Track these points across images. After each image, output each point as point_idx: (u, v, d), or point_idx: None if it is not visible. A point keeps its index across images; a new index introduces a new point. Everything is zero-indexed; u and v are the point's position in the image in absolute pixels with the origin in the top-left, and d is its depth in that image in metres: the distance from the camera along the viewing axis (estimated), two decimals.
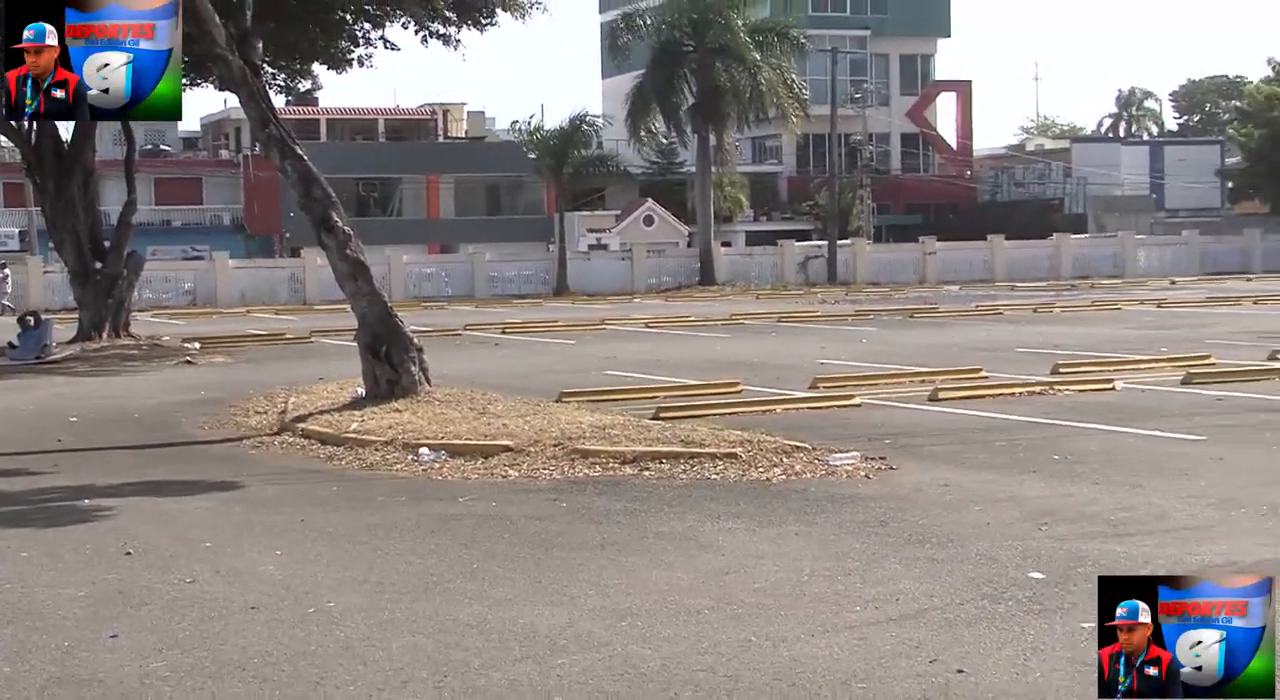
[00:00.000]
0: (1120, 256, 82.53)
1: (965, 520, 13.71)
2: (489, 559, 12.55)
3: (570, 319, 48.94)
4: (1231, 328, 38.54)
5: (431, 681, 9.01)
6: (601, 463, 17.10)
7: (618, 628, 10.13)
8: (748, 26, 71.96)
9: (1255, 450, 17.64)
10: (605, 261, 75.74)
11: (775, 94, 72.22)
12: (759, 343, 37.25)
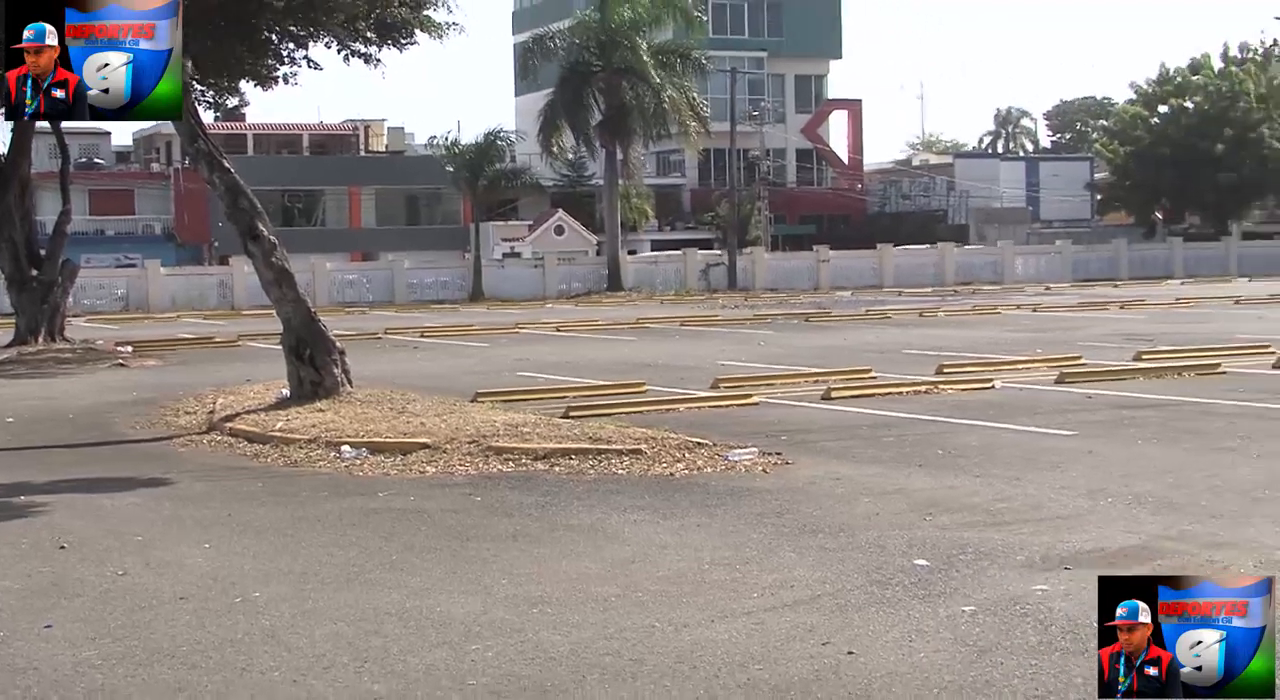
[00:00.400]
0: (999, 264, 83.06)
1: (856, 511, 13.75)
2: (407, 550, 12.53)
3: (485, 323, 48.84)
4: (1101, 330, 38.80)
5: (352, 666, 9.00)
6: (514, 459, 17.08)
7: (529, 615, 10.12)
8: (652, 48, 72.20)
9: (1121, 444, 17.76)
10: (518, 269, 75.64)
11: (678, 111, 72.52)
12: (663, 345, 37.26)
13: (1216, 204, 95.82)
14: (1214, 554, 11.47)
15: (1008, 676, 8.45)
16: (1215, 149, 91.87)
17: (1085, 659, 8.72)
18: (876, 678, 8.49)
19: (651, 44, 72.44)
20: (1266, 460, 16.22)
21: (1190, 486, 14.66)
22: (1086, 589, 10.36)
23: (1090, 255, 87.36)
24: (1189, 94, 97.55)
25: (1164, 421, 19.73)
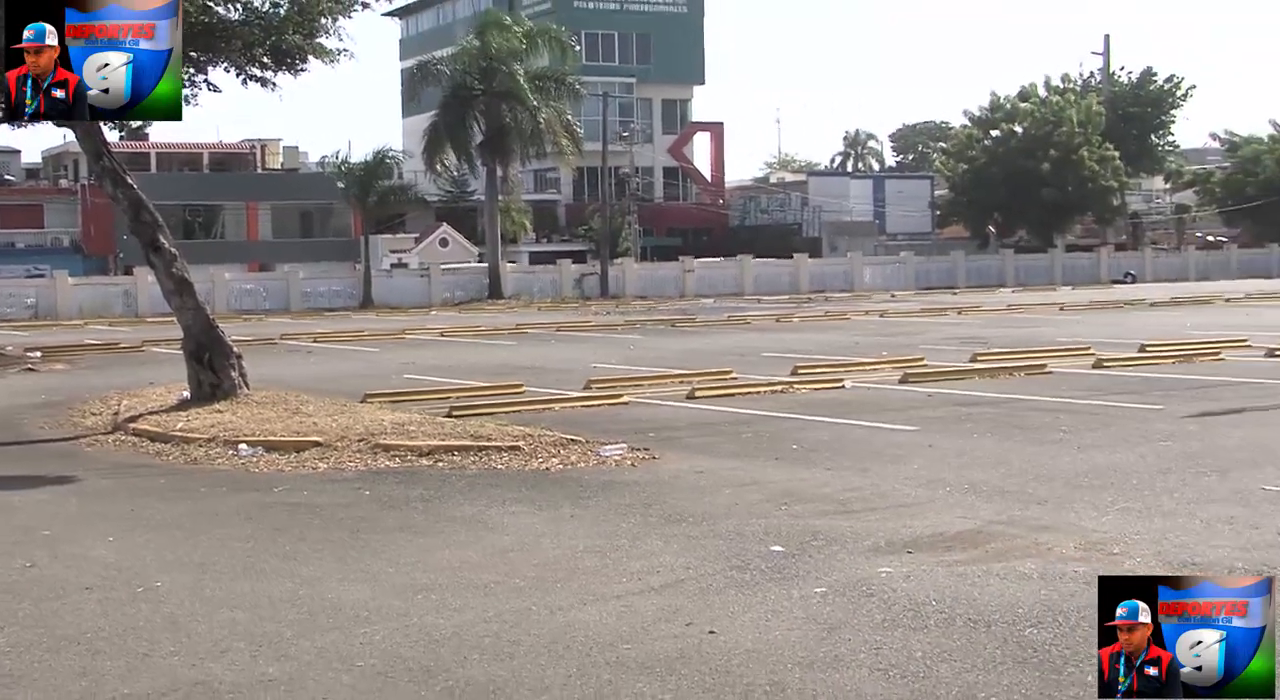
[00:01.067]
0: (849, 274, 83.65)
1: (717, 501, 13.78)
2: (300, 542, 12.44)
3: (374, 329, 48.53)
4: (941, 334, 39.09)
5: (248, 651, 8.92)
6: (401, 455, 17.00)
7: (414, 601, 10.07)
8: (529, 74, 72.32)
9: (958, 438, 17.89)
10: (406, 278, 75.37)
11: (554, 132, 72.63)
12: (540, 349, 37.19)
13: (1043, 219, 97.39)
14: (1039, 536, 11.59)
15: (855, 651, 8.50)
16: (1041, 169, 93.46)
17: (925, 634, 8.81)
18: (736, 655, 8.51)
19: (529, 70, 72.57)
20: (1086, 452, 16.39)
21: (1019, 476, 14.81)
22: (927, 570, 10.50)
23: (931, 265, 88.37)
24: (1017, 119, 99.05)
25: (997, 417, 19.91)
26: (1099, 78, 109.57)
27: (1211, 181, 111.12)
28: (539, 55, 74.82)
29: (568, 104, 75.52)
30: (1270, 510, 12.59)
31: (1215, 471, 14.74)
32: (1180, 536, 11.48)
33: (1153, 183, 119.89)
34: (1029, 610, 9.28)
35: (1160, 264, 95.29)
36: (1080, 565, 10.53)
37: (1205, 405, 20.51)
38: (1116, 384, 23.89)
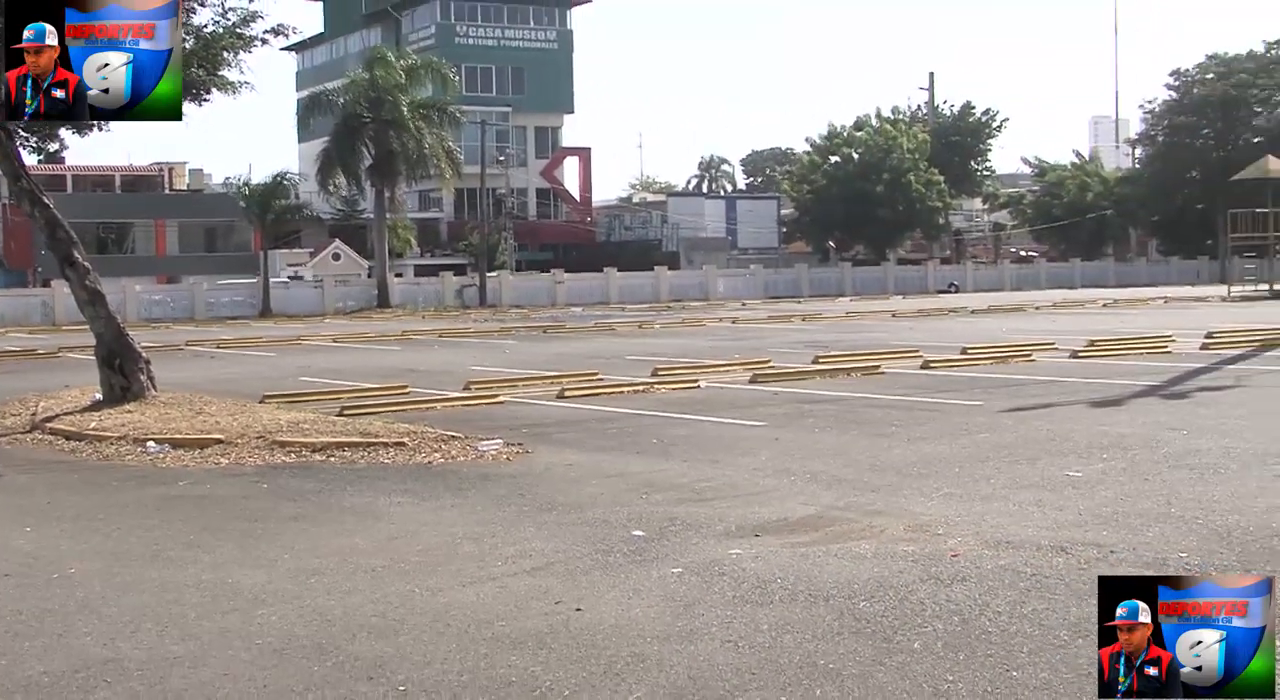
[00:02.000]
0: (705, 285, 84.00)
1: (585, 491, 13.75)
2: (204, 531, 12.27)
3: (272, 336, 48.16)
4: (786, 339, 39.26)
5: (156, 631, 8.79)
6: (296, 451, 16.82)
7: (308, 584, 9.98)
8: (414, 104, 72.54)
9: (802, 432, 17.96)
10: (301, 289, 74.94)
11: (436, 157, 72.96)
12: (424, 354, 37.02)
13: (877, 236, 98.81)
14: (873, 519, 11.65)
15: (708, 625, 8.51)
16: (875, 191, 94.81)
17: (770, 608, 8.84)
18: (601, 629, 8.50)
19: (413, 100, 72.78)
20: (915, 443, 16.51)
21: (855, 466, 14.88)
22: (773, 551, 10.53)
23: (778, 277, 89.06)
24: (854, 147, 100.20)
25: (836, 413, 20.01)
26: (925, 110, 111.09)
27: (1023, 203, 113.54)
28: (423, 86, 75.03)
29: (449, 130, 75.87)
30: (1073, 494, 12.74)
31: (1026, 460, 14.91)
32: (996, 518, 11.59)
33: (972, 203, 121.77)
34: (863, 586, 9.34)
35: (980, 276, 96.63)
36: (909, 545, 10.61)
37: (1018, 401, 20.74)
38: (941, 383, 24.11)
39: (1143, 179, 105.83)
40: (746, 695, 7.16)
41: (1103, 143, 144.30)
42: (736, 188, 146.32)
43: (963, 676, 7.35)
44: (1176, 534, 10.77)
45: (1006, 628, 8.26)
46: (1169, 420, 18.19)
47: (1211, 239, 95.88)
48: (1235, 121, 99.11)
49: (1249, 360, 27.74)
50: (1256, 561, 9.76)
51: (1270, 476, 13.43)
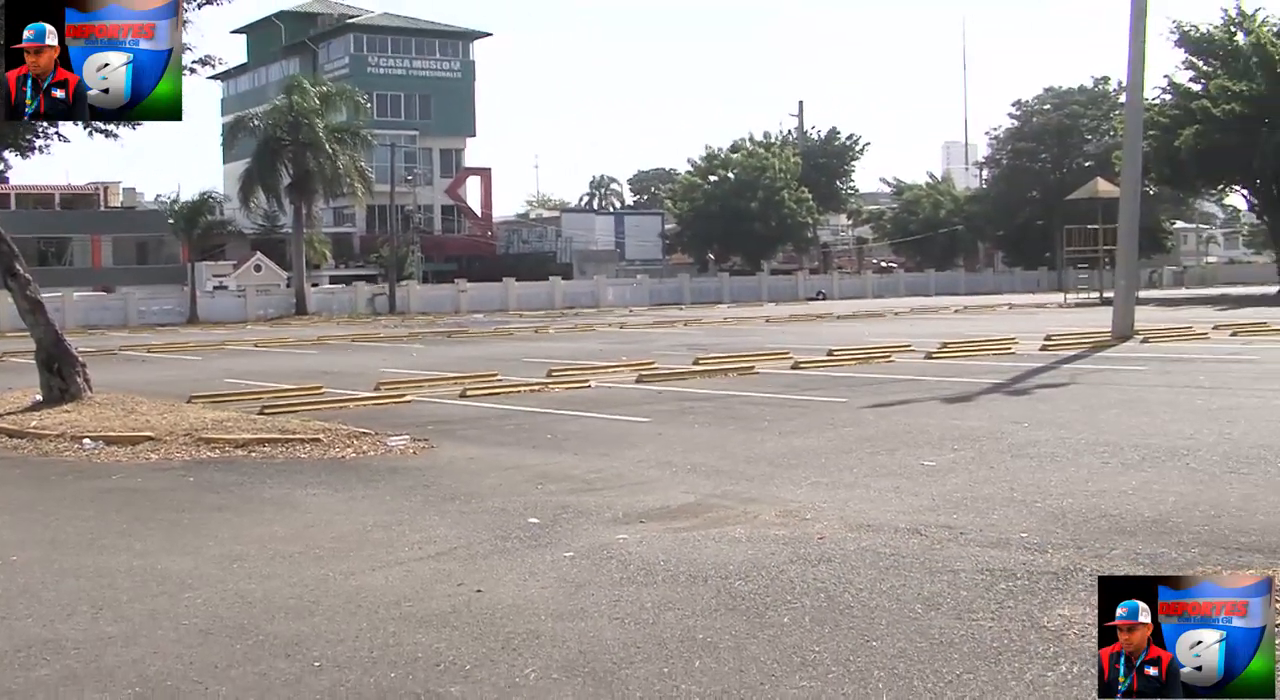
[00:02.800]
0: (596, 293, 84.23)
1: (485, 482, 13.71)
2: (135, 521, 12.12)
3: (199, 341, 47.64)
4: (670, 342, 39.36)
5: (90, 614, 8.68)
6: (220, 447, 16.64)
7: (231, 569, 9.88)
8: (329, 128, 72.48)
9: (683, 427, 17.99)
10: (226, 298, 74.45)
11: (350, 176, 73.02)
12: (338, 357, 36.77)
13: (752, 248, 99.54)
14: (747, 506, 11.69)
15: (597, 604, 8.52)
16: (750, 207, 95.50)
17: (654, 588, 8.86)
18: (499, 609, 8.48)
19: (329, 125, 72.68)
20: (786, 437, 16.59)
21: (732, 457, 14.93)
22: (656, 536, 10.56)
23: (662, 286, 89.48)
24: (730, 167, 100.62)
25: (715, 410, 20.07)
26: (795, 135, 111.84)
27: (883, 219, 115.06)
28: (338, 112, 74.95)
29: (361, 152, 76.08)
30: (927, 481, 12.87)
31: (886, 451, 15.02)
32: (859, 504, 11.68)
33: (838, 219, 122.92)
34: (738, 567, 9.38)
35: (845, 284, 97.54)
36: (779, 529, 10.66)
37: (879, 398, 20.90)
38: (810, 382, 24.25)
39: (989, 198, 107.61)
40: (632, 667, 7.17)
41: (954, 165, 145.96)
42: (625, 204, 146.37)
43: (827, 647, 7.40)
44: (1018, 516, 10.91)
45: (867, 603, 8.33)
46: (1012, 414, 18.41)
47: (1050, 251, 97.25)
48: (1069, 147, 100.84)
49: (1082, 360, 28.12)
50: (1086, 539, 9.90)
51: (1099, 464, 13.63)
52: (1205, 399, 19.51)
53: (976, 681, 6.76)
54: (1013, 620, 7.83)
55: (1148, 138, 62.10)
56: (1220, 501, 11.31)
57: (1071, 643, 7.33)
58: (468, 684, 7.01)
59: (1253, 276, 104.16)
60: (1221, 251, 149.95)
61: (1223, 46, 73.25)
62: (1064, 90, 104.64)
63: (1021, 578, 8.81)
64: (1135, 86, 37.08)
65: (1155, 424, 16.79)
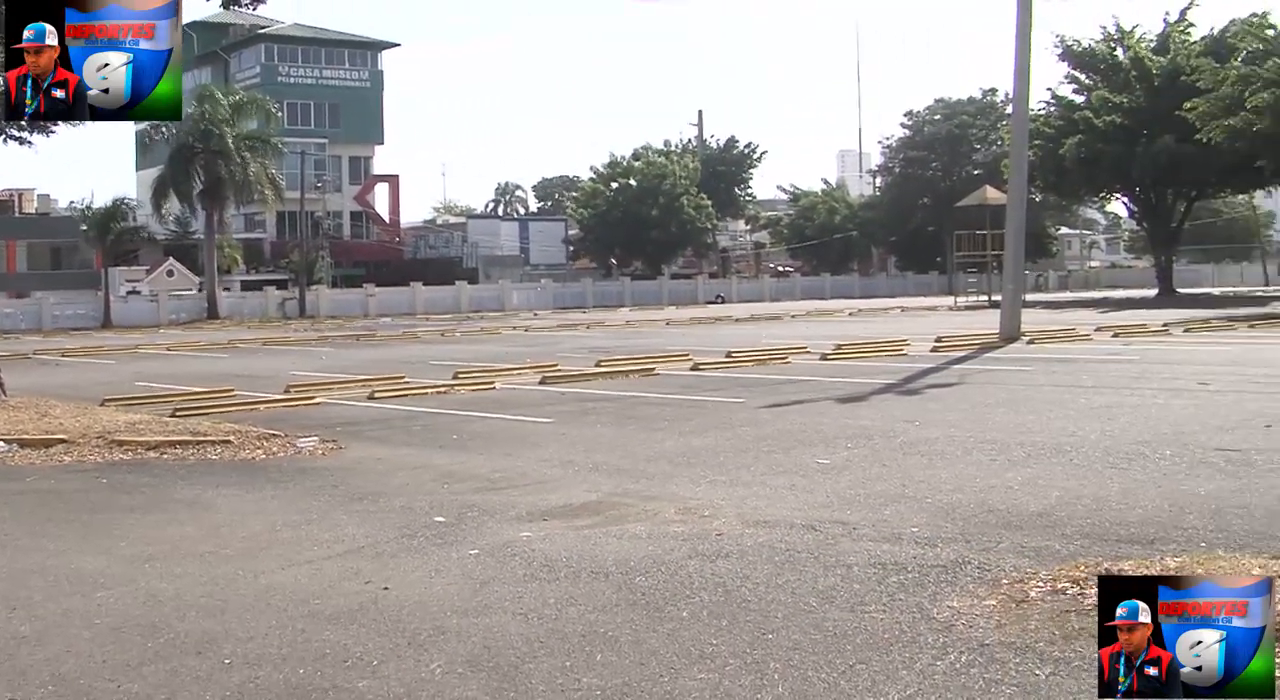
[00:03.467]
0: (501, 297, 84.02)
1: (392, 482, 13.64)
2: (48, 522, 11.92)
3: (113, 345, 46.98)
4: (573, 345, 39.33)
5: (4, 613, 8.53)
6: (133, 449, 16.41)
7: (143, 569, 9.75)
8: (240, 136, 71.98)
9: (585, 427, 18.00)
10: (139, 303, 73.48)
11: (260, 183, 72.61)
12: (249, 360, 36.42)
13: (653, 253, 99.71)
14: (648, 504, 11.70)
15: (501, 600, 8.49)
16: (651, 214, 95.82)
17: (557, 584, 8.85)
18: (406, 606, 8.44)
19: (240, 133, 72.17)
20: (685, 437, 16.62)
21: (633, 457, 14.95)
22: (559, 534, 10.55)
23: (566, 290, 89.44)
24: (632, 174, 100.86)
25: (616, 410, 20.09)
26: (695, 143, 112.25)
27: (780, 225, 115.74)
28: (249, 120, 74.45)
29: (272, 160, 75.57)
30: (821, 479, 12.95)
31: (781, 450, 15.10)
32: (755, 502, 11.73)
33: (737, 225, 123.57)
34: (639, 563, 9.39)
35: (743, 288, 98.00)
36: (679, 526, 10.69)
37: (775, 398, 21.01)
38: (708, 383, 24.32)
39: (882, 204, 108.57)
40: (535, 661, 7.16)
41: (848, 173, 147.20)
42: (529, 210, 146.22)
43: (725, 640, 7.43)
44: (910, 512, 11.00)
45: (764, 597, 8.36)
46: (903, 413, 18.57)
47: (941, 256, 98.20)
48: (959, 156, 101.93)
49: (971, 361, 28.43)
50: (974, 533, 10.01)
51: (987, 460, 13.78)
52: (1088, 397, 19.79)
53: (869, 671, 6.81)
54: (904, 612, 7.89)
55: (1033, 147, 63.07)
56: (1102, 495, 11.48)
57: (960, 633, 7.40)
58: (375, 679, 6.96)
59: (1133, 280, 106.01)
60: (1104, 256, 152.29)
61: (1104, 60, 74.49)
62: (954, 101, 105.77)
63: (912, 571, 8.89)
64: (1021, 98, 37.60)
65: (1040, 422, 17.01)
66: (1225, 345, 31.26)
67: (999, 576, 8.62)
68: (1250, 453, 13.69)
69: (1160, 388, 20.96)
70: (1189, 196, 77.50)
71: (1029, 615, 7.70)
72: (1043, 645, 7.11)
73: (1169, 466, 13.01)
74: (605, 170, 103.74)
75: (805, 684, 6.66)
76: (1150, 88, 70.66)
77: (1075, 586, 8.15)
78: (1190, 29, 74.87)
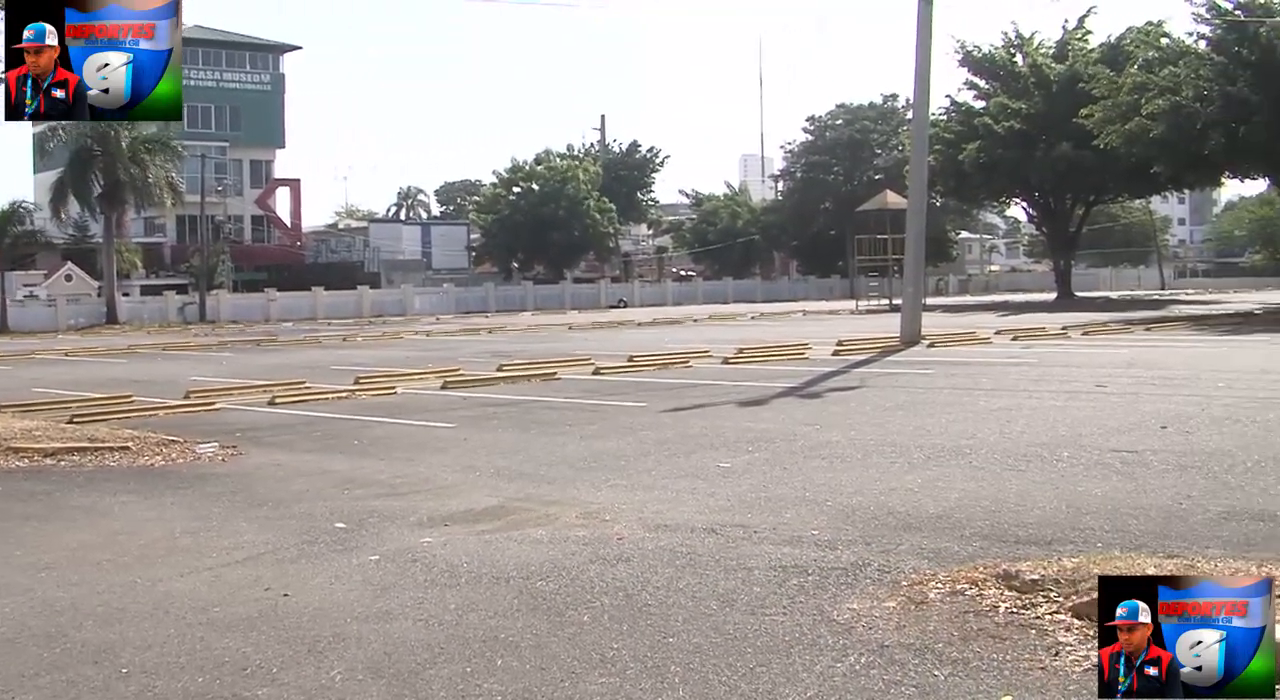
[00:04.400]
0: (403, 301, 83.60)
1: (292, 488, 13.53)
2: None
3: (8, 351, 46.09)
4: (475, 349, 39.21)
5: None
6: (29, 457, 16.13)
7: (39, 577, 9.60)
8: (140, 139, 71.18)
9: (487, 432, 17.95)
10: (37, 308, 72.36)
11: (160, 187, 71.81)
12: (148, 366, 35.95)
13: (556, 258, 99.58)
14: (549, 509, 11.70)
15: (402, 606, 8.46)
16: (553, 218, 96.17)
17: (458, 590, 8.82)
18: (306, 613, 8.38)
19: (139, 136, 71.15)
20: (587, 441, 16.63)
21: (534, 461, 14.93)
22: (460, 539, 10.52)
23: (468, 294, 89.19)
24: (535, 179, 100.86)
25: (518, 415, 20.05)
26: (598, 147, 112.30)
27: (683, 229, 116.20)
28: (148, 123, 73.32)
29: (172, 163, 74.58)
30: (722, 482, 13.00)
31: (683, 453, 15.15)
32: (656, 505, 11.76)
33: (639, 229, 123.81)
34: (539, 567, 9.38)
35: (646, 292, 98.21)
36: (580, 530, 10.69)
37: (677, 402, 21.05)
38: (611, 387, 24.35)
39: (784, 209, 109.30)
40: (436, 667, 7.14)
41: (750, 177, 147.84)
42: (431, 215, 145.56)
43: (626, 644, 7.44)
44: (810, 514, 11.07)
45: (664, 601, 8.39)
46: (805, 417, 18.70)
47: (843, 260, 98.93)
48: (860, 161, 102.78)
49: (872, 364, 28.66)
50: (874, 535, 10.09)
51: (887, 463, 13.91)
52: (987, 400, 20.02)
53: (769, 674, 6.85)
54: (804, 614, 7.94)
55: (934, 152, 63.77)
56: (1000, 497, 11.62)
57: (860, 635, 7.47)
58: (274, 687, 6.91)
59: (1032, 284, 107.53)
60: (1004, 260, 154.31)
61: (1003, 67, 75.52)
62: (855, 106, 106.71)
63: (813, 573, 8.95)
64: (921, 103, 37.98)
65: (940, 424, 17.19)
66: (1122, 348, 31.73)
67: (899, 578, 8.70)
68: (1146, 454, 13.93)
69: (1058, 390, 21.25)
70: (1087, 201, 78.80)
71: (928, 617, 7.78)
72: (942, 646, 7.19)
73: (1066, 468, 13.20)
74: (508, 174, 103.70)
75: (706, 687, 6.69)
76: (1048, 94, 71.69)
77: (974, 588, 8.25)
78: (1088, 36, 76.13)
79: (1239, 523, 10.20)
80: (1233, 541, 9.50)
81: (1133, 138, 56.67)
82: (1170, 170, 60.65)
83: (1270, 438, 14.94)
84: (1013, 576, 8.29)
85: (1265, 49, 52.01)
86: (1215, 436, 15.13)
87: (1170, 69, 56.57)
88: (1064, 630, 7.35)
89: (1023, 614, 7.71)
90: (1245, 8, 53.95)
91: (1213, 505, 10.92)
